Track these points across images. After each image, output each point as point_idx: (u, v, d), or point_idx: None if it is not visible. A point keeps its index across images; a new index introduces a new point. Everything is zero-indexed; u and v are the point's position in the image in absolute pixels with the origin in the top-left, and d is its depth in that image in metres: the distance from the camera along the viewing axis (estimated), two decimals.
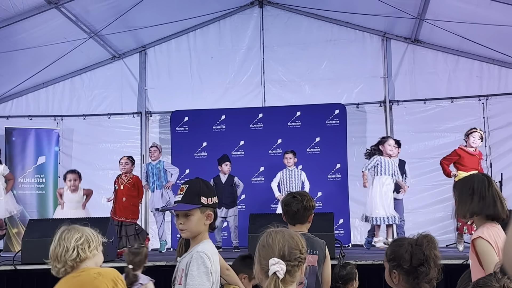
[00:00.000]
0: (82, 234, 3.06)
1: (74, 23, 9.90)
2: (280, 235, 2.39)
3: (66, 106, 11.85)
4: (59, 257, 2.97)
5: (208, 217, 3.04)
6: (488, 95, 10.68)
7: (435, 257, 2.77)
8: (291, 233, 2.44)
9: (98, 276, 2.97)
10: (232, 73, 11.64)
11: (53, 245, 3.02)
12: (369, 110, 11.19)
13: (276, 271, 2.28)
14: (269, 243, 2.37)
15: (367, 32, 11.32)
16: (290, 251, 2.35)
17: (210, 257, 2.91)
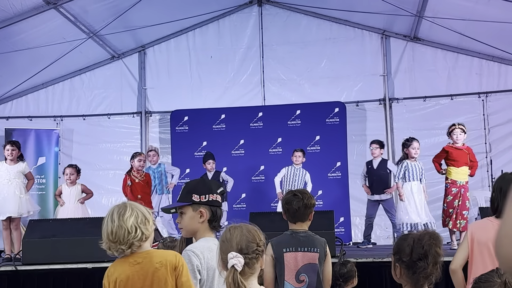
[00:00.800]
0: (138, 212, 2.93)
1: (73, 23, 9.90)
2: (238, 230, 2.57)
3: (66, 106, 11.85)
4: (122, 239, 2.83)
5: (201, 214, 3.08)
6: (488, 92, 10.68)
7: (436, 254, 2.79)
8: (249, 228, 2.61)
9: (160, 267, 2.91)
10: (232, 72, 11.64)
11: (110, 226, 2.84)
12: (369, 108, 11.19)
13: (234, 264, 2.45)
14: (228, 238, 2.56)
15: (366, 30, 11.32)
16: (247, 244, 2.52)
17: (199, 254, 2.96)
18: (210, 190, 3.16)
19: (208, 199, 3.12)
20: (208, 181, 3.47)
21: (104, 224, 2.85)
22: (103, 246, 2.86)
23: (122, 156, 11.37)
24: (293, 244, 3.98)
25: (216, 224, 3.17)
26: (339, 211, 9.83)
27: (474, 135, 10.40)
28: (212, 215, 3.13)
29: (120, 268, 2.88)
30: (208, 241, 3.10)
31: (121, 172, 11.14)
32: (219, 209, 3.18)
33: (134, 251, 2.88)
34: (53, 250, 6.50)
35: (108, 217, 2.87)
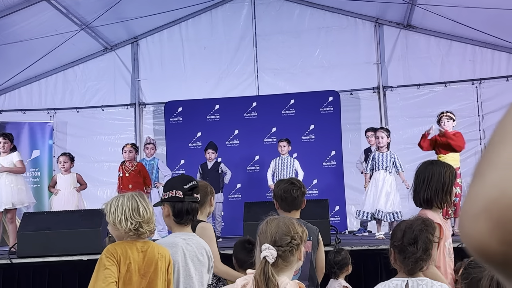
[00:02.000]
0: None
1: (65, 15, 9.86)
2: (275, 222, 2.59)
3: (59, 99, 11.82)
4: (149, 220, 3.01)
5: (164, 210, 3.27)
6: (481, 78, 10.69)
7: (427, 240, 2.80)
8: (286, 220, 2.61)
9: (161, 258, 3.07)
10: (225, 63, 11.62)
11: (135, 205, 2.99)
12: (363, 97, 11.19)
13: (266, 256, 2.45)
14: (264, 230, 2.59)
15: (359, 18, 11.30)
16: (281, 237, 2.51)
17: None
18: (171, 186, 3.28)
19: (169, 196, 3.25)
20: (177, 177, 3.58)
21: (122, 203, 2.97)
22: (130, 229, 2.95)
23: (116, 148, 11.34)
24: None
25: (179, 219, 3.25)
26: (334, 200, 9.85)
27: (468, 122, 10.43)
28: (173, 211, 3.24)
29: (128, 251, 2.97)
30: (176, 236, 3.25)
31: (116, 164, 11.13)
32: (181, 203, 3.24)
33: (144, 238, 3.04)
34: (48, 242, 6.50)
35: (127, 198, 2.99)
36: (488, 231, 0.51)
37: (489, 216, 0.51)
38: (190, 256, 3.25)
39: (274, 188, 4.22)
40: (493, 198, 0.51)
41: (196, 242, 3.33)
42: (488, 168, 0.54)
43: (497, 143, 0.54)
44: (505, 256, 0.51)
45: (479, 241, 0.52)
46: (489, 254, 0.52)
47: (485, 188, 0.53)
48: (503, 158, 0.53)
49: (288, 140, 9.60)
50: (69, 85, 11.86)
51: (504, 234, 0.50)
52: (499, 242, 0.51)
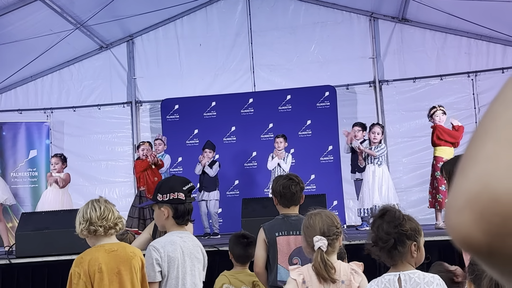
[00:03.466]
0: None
1: (60, 15, 9.84)
2: (318, 216, 3.08)
3: (56, 98, 11.81)
4: (108, 218, 3.22)
5: (164, 212, 3.39)
6: (477, 71, 10.70)
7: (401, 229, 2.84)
8: (327, 213, 3.14)
9: (134, 256, 3.30)
10: (221, 60, 11.61)
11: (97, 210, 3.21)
12: (359, 91, 11.20)
13: (320, 246, 2.96)
14: (311, 224, 3.05)
15: (354, 12, 11.30)
16: (328, 228, 3.03)
17: (159, 248, 3.29)
18: (172, 189, 3.39)
19: (169, 198, 3.37)
20: (174, 179, 3.68)
21: (86, 212, 3.21)
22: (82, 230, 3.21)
23: (114, 146, 11.38)
24: (285, 228, 4.01)
25: (181, 220, 3.41)
26: (332, 195, 9.88)
27: (464, 115, 10.43)
28: (175, 212, 3.38)
29: (95, 254, 3.18)
30: (173, 234, 3.39)
31: (114, 163, 11.20)
32: (183, 205, 3.39)
33: (112, 234, 3.25)
34: (47, 242, 6.50)
35: (91, 205, 3.25)
36: (472, 223, 0.53)
37: (472, 209, 0.53)
38: (188, 253, 3.39)
39: (272, 184, 4.24)
40: (475, 192, 0.53)
41: (192, 240, 3.49)
42: (471, 163, 0.55)
43: (478, 138, 0.56)
44: (489, 247, 0.52)
45: (464, 233, 0.54)
46: (475, 245, 0.54)
47: (467, 182, 0.54)
48: (484, 152, 0.54)
49: (285, 136, 9.61)
50: (65, 84, 11.84)
51: (488, 225, 0.52)
52: (483, 233, 0.52)
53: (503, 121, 0.54)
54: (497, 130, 0.54)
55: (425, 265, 5.39)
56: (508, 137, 0.53)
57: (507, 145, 0.53)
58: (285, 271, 3.96)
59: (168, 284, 3.31)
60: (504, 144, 0.53)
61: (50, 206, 8.21)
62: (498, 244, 0.52)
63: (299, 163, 10.40)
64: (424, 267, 5.40)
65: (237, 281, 4.41)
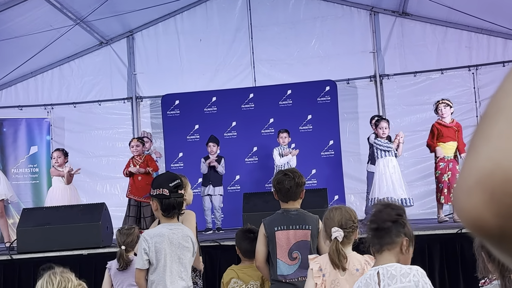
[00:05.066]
0: None
1: (60, 10, 9.83)
2: (338, 210, 3.44)
3: (56, 94, 11.80)
4: None
5: (154, 205, 3.84)
6: (478, 65, 10.67)
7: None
8: (347, 208, 3.51)
9: None
10: (222, 55, 11.59)
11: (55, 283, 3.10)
12: (360, 86, 11.18)
13: (336, 236, 3.31)
14: (331, 216, 3.40)
15: (355, 7, 11.27)
16: (346, 221, 3.37)
17: (148, 239, 3.75)
18: (159, 185, 3.83)
19: (157, 193, 3.80)
20: (164, 176, 4.17)
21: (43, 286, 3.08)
22: None
23: (114, 142, 11.37)
24: (284, 222, 4.01)
25: (166, 213, 3.82)
26: (333, 190, 9.87)
27: (465, 109, 10.43)
28: (161, 206, 3.79)
29: None
30: (164, 226, 3.81)
31: (115, 159, 11.18)
32: (168, 200, 3.78)
33: None
34: (48, 237, 6.51)
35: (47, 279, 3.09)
36: (483, 204, 0.50)
37: (483, 189, 0.50)
38: (176, 244, 3.77)
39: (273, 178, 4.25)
40: (487, 170, 0.50)
41: (181, 231, 3.84)
42: (482, 141, 0.53)
43: (490, 116, 0.54)
44: (501, 229, 0.50)
45: (474, 215, 0.51)
46: (485, 228, 0.51)
47: (478, 161, 0.52)
48: (496, 130, 0.52)
49: (288, 131, 9.62)
50: (66, 80, 11.83)
51: (500, 207, 0.49)
52: (494, 215, 0.50)
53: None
54: (509, 108, 0.52)
55: None
56: None
57: None
58: (284, 265, 3.97)
59: (156, 272, 3.74)
60: None
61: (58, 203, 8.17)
62: (510, 227, 0.50)
63: (300, 157, 10.37)
64: None
65: (245, 276, 4.41)
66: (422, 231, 6.29)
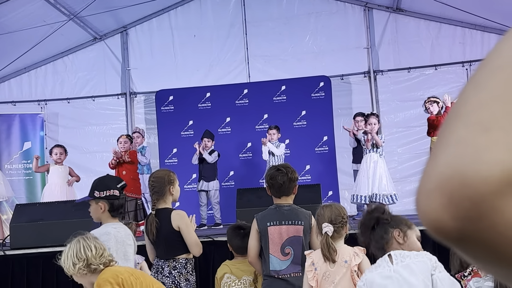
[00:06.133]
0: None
1: (53, 6, 9.79)
2: (329, 207, 3.67)
3: (50, 90, 11.77)
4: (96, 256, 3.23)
5: (100, 207, 3.90)
6: (472, 61, 10.69)
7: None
8: (336, 205, 3.76)
9: None
10: (216, 51, 11.58)
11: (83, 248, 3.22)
12: (354, 81, 11.19)
13: (326, 231, 3.55)
14: (321, 213, 3.63)
15: (349, 2, 11.28)
16: (335, 217, 3.60)
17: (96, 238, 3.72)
18: (107, 186, 3.94)
19: (106, 194, 3.90)
20: (108, 178, 4.23)
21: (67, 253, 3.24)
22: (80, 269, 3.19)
23: (108, 138, 11.34)
24: (277, 218, 4.02)
25: (115, 213, 3.96)
26: (327, 185, 9.87)
27: None
28: (111, 207, 3.91)
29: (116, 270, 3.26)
30: (108, 226, 3.90)
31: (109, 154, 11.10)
32: (118, 200, 3.94)
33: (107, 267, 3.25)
34: (41, 233, 6.50)
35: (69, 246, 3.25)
36: (441, 208, 0.52)
37: (442, 193, 0.52)
38: (121, 242, 3.90)
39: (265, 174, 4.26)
40: (445, 175, 0.52)
41: (124, 230, 4.00)
42: (442, 146, 0.54)
43: (450, 122, 0.55)
44: (459, 231, 0.51)
45: (434, 218, 0.53)
46: (444, 230, 0.52)
47: (437, 166, 0.53)
48: (454, 136, 0.53)
49: (278, 127, 9.60)
50: (59, 76, 11.81)
51: (458, 210, 0.51)
52: (453, 218, 0.51)
53: (472, 105, 0.54)
54: (467, 114, 0.54)
55: None
56: (477, 120, 0.52)
57: (476, 129, 0.52)
58: (277, 261, 3.97)
59: None
60: (473, 128, 0.52)
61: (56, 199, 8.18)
62: (468, 229, 0.51)
63: (294, 153, 10.41)
64: None
65: (238, 271, 4.42)
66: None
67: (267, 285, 4.00)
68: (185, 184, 10.69)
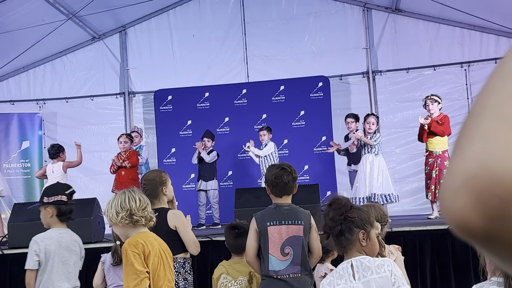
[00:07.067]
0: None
1: (51, 5, 9.78)
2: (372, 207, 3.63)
3: (48, 89, 11.76)
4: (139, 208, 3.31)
5: (49, 212, 4.10)
6: (470, 61, 10.70)
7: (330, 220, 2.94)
8: (379, 206, 3.94)
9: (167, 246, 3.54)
10: (215, 50, 11.58)
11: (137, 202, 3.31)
12: (353, 82, 11.20)
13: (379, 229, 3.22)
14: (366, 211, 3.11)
15: (348, 3, 11.28)
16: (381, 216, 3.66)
17: (39, 241, 4.09)
18: (56, 192, 4.14)
19: (54, 200, 4.09)
20: (57, 185, 4.44)
21: (111, 202, 3.32)
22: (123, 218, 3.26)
23: (107, 137, 11.33)
24: (276, 217, 4.00)
25: (63, 217, 4.15)
26: (325, 185, 9.84)
27: (457, 105, 10.46)
28: (59, 212, 4.10)
29: (149, 238, 3.32)
30: (53, 231, 4.12)
31: (107, 154, 11.13)
32: (65, 206, 4.12)
33: (144, 224, 3.36)
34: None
35: (115, 196, 3.35)
36: (469, 206, 0.50)
37: (469, 190, 0.50)
38: (64, 247, 4.09)
39: (266, 173, 4.23)
40: (472, 172, 0.50)
41: (70, 236, 4.19)
42: (467, 141, 0.52)
43: (476, 115, 0.53)
44: (487, 231, 0.50)
45: (461, 216, 0.51)
46: (471, 230, 0.51)
47: (464, 162, 0.51)
48: (481, 130, 0.51)
49: (269, 128, 9.58)
50: (58, 75, 11.79)
51: (486, 208, 0.49)
52: (480, 217, 0.49)
53: (501, 96, 0.52)
54: (495, 106, 0.52)
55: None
56: (505, 114, 0.50)
57: (506, 122, 0.50)
58: (276, 261, 3.96)
59: (44, 272, 4.06)
60: (502, 120, 0.50)
61: None
62: (496, 229, 0.49)
63: (293, 153, 10.41)
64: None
65: (234, 271, 4.41)
66: (413, 226, 6.32)
67: (265, 285, 3.98)
68: (183, 184, 10.69)
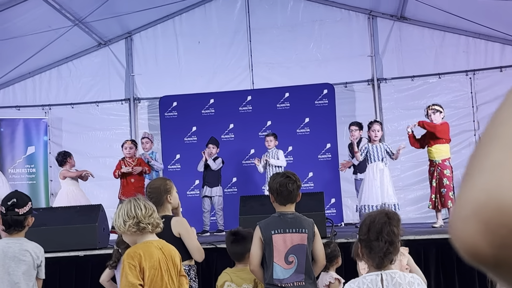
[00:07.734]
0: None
1: (58, 11, 9.82)
2: None
3: (54, 95, 11.81)
4: (145, 215, 3.36)
5: None
6: (475, 70, 10.70)
7: (391, 233, 2.82)
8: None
9: (175, 254, 3.55)
10: (220, 57, 11.60)
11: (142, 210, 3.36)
12: (357, 89, 11.20)
13: None
14: None
15: (353, 10, 11.30)
16: None
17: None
18: (26, 202, 4.31)
19: (24, 212, 4.27)
20: (7, 196, 4.44)
21: (119, 211, 3.38)
22: (130, 226, 3.31)
23: (112, 143, 11.35)
24: (281, 226, 4.00)
25: (9, 230, 4.22)
26: (330, 193, 9.88)
27: (462, 113, 10.46)
28: (3, 223, 4.22)
29: (149, 250, 3.33)
30: (1, 241, 4.21)
31: (112, 160, 11.15)
32: (6, 217, 4.19)
33: (151, 232, 3.40)
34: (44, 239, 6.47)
35: (122, 205, 3.41)
36: (478, 234, 0.51)
37: (478, 219, 0.51)
38: (11, 257, 4.12)
39: (270, 181, 4.22)
40: (481, 201, 0.51)
41: (19, 245, 4.21)
42: (477, 170, 0.53)
43: (485, 145, 0.54)
44: (495, 258, 0.51)
45: (470, 244, 0.52)
46: (480, 257, 0.52)
47: (473, 191, 0.52)
48: (490, 159, 0.52)
49: (275, 134, 9.61)
50: (64, 81, 11.84)
51: (494, 237, 0.50)
52: (489, 245, 0.51)
53: (509, 127, 0.53)
54: (504, 137, 0.53)
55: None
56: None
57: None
58: (281, 269, 3.96)
59: None
60: (510, 152, 0.51)
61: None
62: (505, 256, 0.50)
63: (297, 160, 10.42)
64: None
65: (238, 279, 4.41)
66: (418, 235, 6.31)
67: None
68: (188, 190, 10.71)
